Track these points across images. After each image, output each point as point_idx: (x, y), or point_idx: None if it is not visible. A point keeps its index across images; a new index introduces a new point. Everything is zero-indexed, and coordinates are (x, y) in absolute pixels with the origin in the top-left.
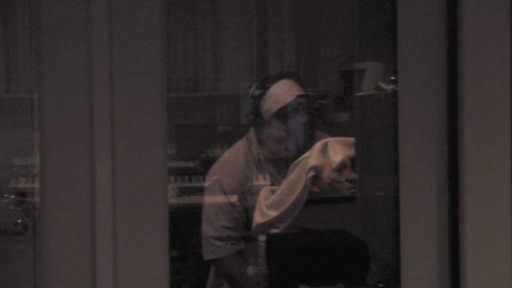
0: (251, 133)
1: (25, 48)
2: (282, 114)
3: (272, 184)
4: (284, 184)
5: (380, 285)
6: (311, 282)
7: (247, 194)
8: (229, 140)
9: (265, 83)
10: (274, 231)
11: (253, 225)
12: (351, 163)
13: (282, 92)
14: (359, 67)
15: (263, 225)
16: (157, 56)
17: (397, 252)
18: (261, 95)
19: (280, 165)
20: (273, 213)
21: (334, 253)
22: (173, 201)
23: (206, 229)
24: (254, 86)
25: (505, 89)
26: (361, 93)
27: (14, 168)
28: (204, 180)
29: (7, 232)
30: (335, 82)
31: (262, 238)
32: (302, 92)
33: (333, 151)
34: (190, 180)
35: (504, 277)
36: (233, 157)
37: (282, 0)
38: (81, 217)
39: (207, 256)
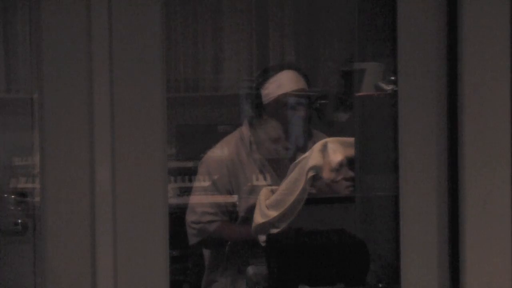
0: (245, 124)
1: (25, 48)
2: (282, 101)
3: (262, 172)
4: (284, 184)
5: (380, 285)
6: (311, 282)
7: (234, 180)
8: None
9: (270, 69)
10: (274, 231)
11: (253, 225)
12: (351, 163)
13: (288, 80)
14: (359, 67)
15: (263, 225)
16: (157, 56)
17: (397, 252)
18: (265, 79)
19: (271, 156)
20: (273, 213)
21: (334, 253)
22: (173, 201)
23: (188, 216)
24: (259, 71)
25: (505, 89)
26: (361, 93)
27: (14, 168)
28: (203, 180)
29: (7, 232)
30: (335, 82)
31: (262, 238)
32: (306, 87)
33: (333, 151)
34: (190, 180)
35: (504, 277)
36: (223, 145)
37: (282, 0)
38: (81, 217)
39: (191, 241)
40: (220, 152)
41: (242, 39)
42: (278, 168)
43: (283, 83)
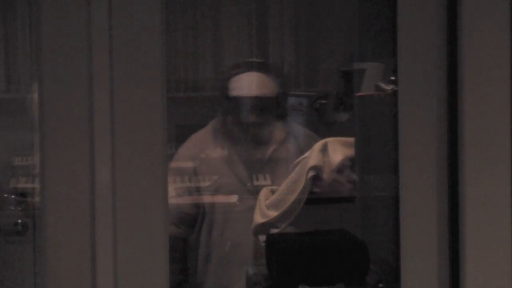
0: (218, 116)
1: (25, 48)
2: (245, 101)
3: (231, 163)
4: (284, 184)
5: (380, 285)
6: (311, 282)
7: (201, 171)
8: None
9: (240, 65)
10: (274, 231)
11: (253, 225)
12: (351, 163)
13: (251, 83)
14: (359, 67)
15: (263, 225)
16: (157, 56)
17: (397, 252)
18: (234, 74)
19: (240, 145)
20: (273, 213)
21: (334, 253)
22: (173, 201)
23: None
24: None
25: (505, 89)
26: (361, 93)
27: (14, 168)
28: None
29: (7, 232)
30: (335, 82)
31: (262, 238)
32: (272, 91)
33: (333, 151)
34: (190, 180)
35: (504, 277)
36: (194, 138)
37: (282, 0)
38: (81, 217)
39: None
40: (190, 145)
41: (242, 39)
42: (247, 158)
43: (245, 86)
